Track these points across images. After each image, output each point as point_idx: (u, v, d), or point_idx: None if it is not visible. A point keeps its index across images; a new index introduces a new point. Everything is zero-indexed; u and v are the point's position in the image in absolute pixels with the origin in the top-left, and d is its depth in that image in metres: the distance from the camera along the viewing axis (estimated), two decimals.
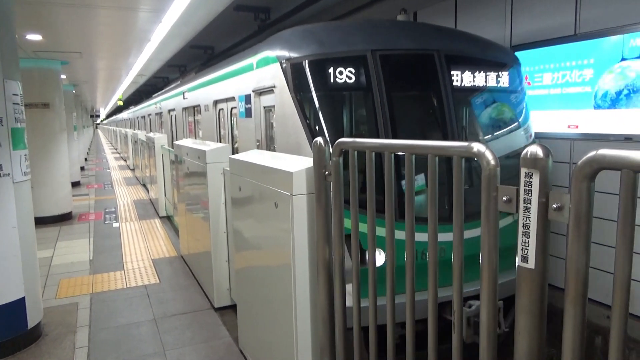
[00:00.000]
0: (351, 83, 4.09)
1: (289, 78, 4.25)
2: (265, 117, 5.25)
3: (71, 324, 4.58)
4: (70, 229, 8.76)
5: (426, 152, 1.80)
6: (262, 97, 5.15)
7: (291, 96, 4.20)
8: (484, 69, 4.53)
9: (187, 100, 9.62)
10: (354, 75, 4.09)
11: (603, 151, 1.22)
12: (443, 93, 4.23)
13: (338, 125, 4.48)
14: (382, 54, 4.19)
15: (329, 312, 2.53)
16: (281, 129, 4.52)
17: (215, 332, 4.36)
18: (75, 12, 5.69)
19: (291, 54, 4.34)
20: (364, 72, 4.12)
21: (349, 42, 4.34)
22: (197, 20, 6.65)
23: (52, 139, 9.29)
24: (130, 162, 18.94)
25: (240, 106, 5.81)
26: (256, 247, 3.37)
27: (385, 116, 4.05)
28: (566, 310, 1.33)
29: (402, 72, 4.38)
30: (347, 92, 4.36)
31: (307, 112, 4.14)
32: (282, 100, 4.38)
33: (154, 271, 6.14)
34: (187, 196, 5.98)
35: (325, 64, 4.09)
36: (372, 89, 4.10)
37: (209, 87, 7.59)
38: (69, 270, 6.26)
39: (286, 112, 4.32)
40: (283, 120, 4.43)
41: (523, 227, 1.42)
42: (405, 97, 4.59)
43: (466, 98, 4.58)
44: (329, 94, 4.26)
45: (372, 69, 4.11)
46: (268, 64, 4.73)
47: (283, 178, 2.69)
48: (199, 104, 8.38)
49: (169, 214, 9.32)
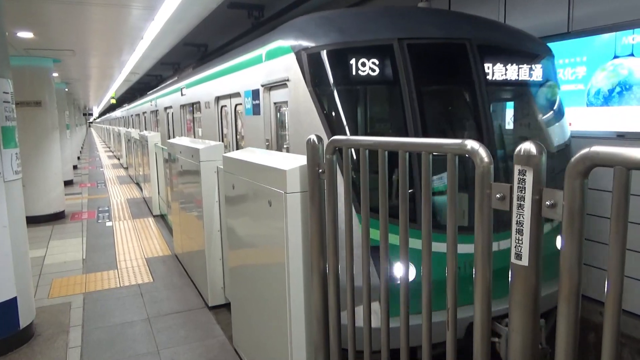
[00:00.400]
0: (375, 76, 3.67)
1: (305, 70, 3.84)
2: (275, 114, 4.86)
3: (64, 324, 4.55)
4: (62, 228, 8.70)
5: (419, 149, 1.79)
6: (273, 92, 4.75)
7: (308, 90, 3.79)
8: (519, 61, 4.11)
9: (185, 96, 9.18)
10: (378, 67, 3.67)
11: (596, 148, 1.22)
12: (477, 87, 3.84)
13: (361, 123, 4.06)
14: (410, 43, 3.75)
15: (323, 311, 2.53)
16: (295, 127, 4.10)
17: (210, 331, 4.35)
18: (67, 9, 5.64)
19: (308, 43, 3.91)
20: (389, 64, 3.69)
21: (373, 30, 3.89)
22: (191, 18, 6.60)
23: (44, 137, 9.22)
24: (124, 161, 18.85)
25: (247, 102, 5.40)
26: (250, 245, 3.36)
27: (415, 113, 3.63)
28: (560, 307, 1.33)
29: (432, 63, 3.93)
30: (371, 85, 3.93)
31: (326, 108, 3.73)
32: (297, 95, 3.99)
33: (148, 270, 6.11)
34: (181, 195, 5.95)
35: (346, 54, 3.68)
36: (399, 83, 3.67)
37: (210, 82, 7.13)
38: (61, 269, 6.22)
39: (302, 108, 3.92)
40: (298, 117, 4.03)
41: (516, 224, 1.42)
42: (436, 92, 4.17)
43: (501, 92, 4.21)
44: (351, 88, 3.87)
45: (399, 59, 3.68)
46: (280, 55, 4.32)
47: (277, 176, 2.68)
48: (199, 100, 7.93)
49: (163, 212, 9.28)
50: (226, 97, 6.51)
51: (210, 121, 7.28)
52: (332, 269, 2.42)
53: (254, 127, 5.23)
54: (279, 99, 4.62)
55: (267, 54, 4.67)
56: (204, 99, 7.53)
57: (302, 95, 3.89)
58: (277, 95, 4.66)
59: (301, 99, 3.92)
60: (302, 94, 3.88)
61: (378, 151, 2.01)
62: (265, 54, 4.75)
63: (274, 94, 4.73)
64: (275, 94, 4.68)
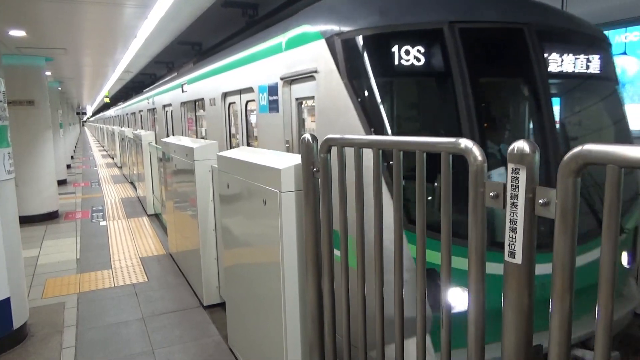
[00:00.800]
0: (422, 66, 3.19)
1: (339, 59, 3.32)
2: (298, 111, 4.29)
3: (58, 324, 4.53)
4: (56, 227, 8.65)
5: (413, 148, 1.79)
6: (295, 87, 4.20)
7: (343, 83, 3.28)
8: (581, 50, 3.60)
9: (186, 93, 8.44)
10: (425, 56, 3.18)
11: (589, 146, 1.22)
12: (537, 80, 3.35)
13: (406, 122, 3.56)
14: (462, 27, 3.24)
15: (318, 310, 2.53)
16: (325, 126, 3.56)
17: (205, 330, 4.34)
18: (60, 7, 5.60)
19: (342, 27, 3.37)
20: (439, 51, 3.21)
21: (419, 12, 3.36)
22: (184, 16, 6.58)
23: (37, 136, 9.17)
24: (118, 160, 18.76)
25: (261, 98, 4.83)
26: (245, 244, 3.35)
27: (470, 110, 3.13)
28: (553, 305, 1.33)
29: (487, 51, 3.42)
30: (417, 77, 3.41)
31: (365, 104, 3.21)
32: (329, 89, 3.47)
33: (142, 270, 6.09)
34: (175, 194, 5.93)
35: (388, 40, 3.17)
36: (450, 74, 3.19)
37: (217, 77, 6.48)
38: (55, 269, 6.19)
39: (334, 104, 3.42)
40: (328, 115, 3.51)
41: (510, 222, 1.42)
42: (491, 84, 3.64)
43: (563, 85, 3.73)
44: (395, 80, 3.37)
45: (450, 46, 3.19)
46: (306, 42, 3.78)
47: (271, 175, 2.68)
48: (203, 97, 7.24)
49: (157, 211, 9.25)
50: (235, 92, 5.93)
51: (216, 120, 6.66)
52: (327, 269, 2.42)
53: (271, 127, 4.65)
54: (302, 94, 4.11)
55: (289, 42, 4.12)
56: (209, 95, 6.90)
57: (335, 89, 3.38)
58: (300, 89, 4.14)
59: (333, 94, 3.41)
60: (335, 88, 3.38)
61: (372, 150, 2.01)
62: (285, 42, 4.19)
63: (297, 89, 4.20)
64: (298, 88, 4.16)
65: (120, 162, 17.92)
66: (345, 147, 2.22)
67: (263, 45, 4.79)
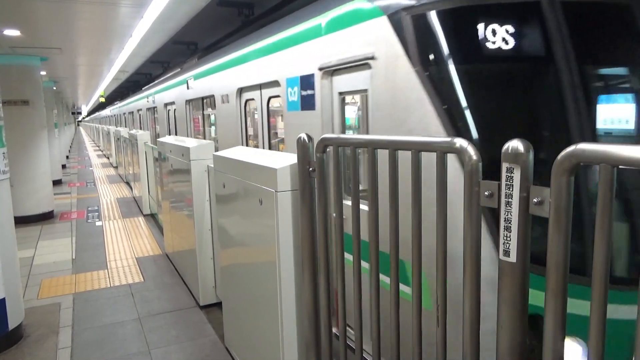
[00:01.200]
0: (515, 49, 2.56)
1: (409, 41, 2.66)
2: (341, 108, 3.57)
3: (53, 325, 4.51)
4: (51, 228, 8.62)
5: (409, 147, 1.80)
6: (338, 78, 3.50)
7: (415, 71, 2.63)
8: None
9: (193, 90, 7.70)
10: (517, 37, 2.55)
11: (582, 145, 1.23)
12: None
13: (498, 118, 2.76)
14: (564, 1, 2.61)
15: (314, 309, 2.54)
16: (389, 126, 2.88)
17: (201, 330, 4.34)
18: (55, 6, 5.58)
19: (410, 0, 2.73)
20: (538, 31, 2.58)
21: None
22: (180, 16, 6.56)
23: (32, 136, 9.13)
24: (113, 160, 18.70)
25: (290, 94, 4.11)
26: (241, 244, 3.35)
27: (579, 107, 2.52)
28: (547, 302, 1.35)
29: (598, 31, 2.75)
30: (510, 63, 2.70)
31: (445, 98, 2.57)
32: (391, 79, 2.79)
33: (138, 270, 6.07)
34: (171, 194, 5.93)
35: (472, 17, 2.59)
36: (553, 59, 2.55)
37: (231, 70, 5.75)
38: (50, 270, 6.17)
39: (401, 98, 2.76)
40: (393, 112, 2.83)
41: (505, 221, 1.43)
42: (606, 73, 2.93)
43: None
44: (482, 67, 2.69)
45: (551, 24, 2.56)
46: (358, 22, 3.11)
47: (267, 175, 2.68)
48: (213, 94, 6.50)
49: (153, 211, 9.23)
50: (254, 88, 5.19)
51: (229, 119, 5.92)
52: (323, 268, 2.43)
53: (303, 127, 3.84)
54: (349, 87, 3.40)
55: (331, 23, 3.43)
56: (220, 91, 6.16)
57: (402, 80, 2.72)
58: (345, 81, 3.42)
59: (399, 85, 2.76)
60: (402, 78, 2.72)
61: (367, 150, 2.01)
62: (326, 23, 3.50)
63: (340, 81, 3.48)
64: (343, 80, 3.44)
65: (115, 162, 17.86)
66: (341, 147, 2.22)
67: (294, 30, 4.00)
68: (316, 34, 3.67)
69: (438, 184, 1.67)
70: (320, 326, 2.52)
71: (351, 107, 3.77)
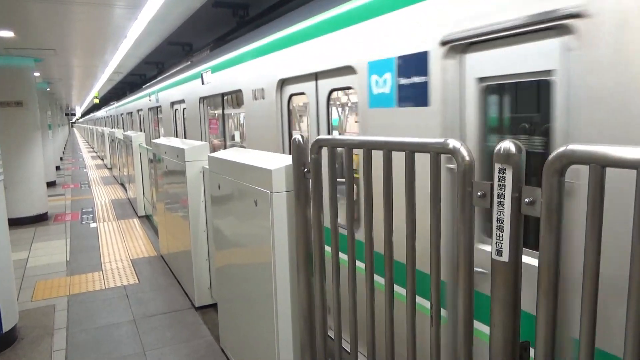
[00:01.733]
0: None
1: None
2: (481, 101, 2.41)
3: (48, 327, 4.50)
4: (46, 229, 8.58)
5: (403, 148, 1.81)
6: (477, 56, 2.37)
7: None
8: None
9: (209, 85, 6.51)
10: None
11: (572, 146, 1.25)
12: None
13: None
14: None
15: (309, 310, 2.55)
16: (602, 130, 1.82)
17: (196, 331, 4.34)
18: (49, 8, 5.56)
19: None
20: None
21: None
22: (175, 17, 6.56)
23: (26, 138, 9.09)
24: (108, 161, 18.62)
25: (375, 83, 3.03)
26: (236, 245, 3.36)
27: None
28: (539, 301, 1.36)
29: None
30: None
31: None
32: None
33: (133, 271, 6.06)
34: (166, 195, 5.92)
35: None
36: None
37: (267, 58, 4.59)
38: (45, 272, 6.14)
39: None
40: None
41: (497, 221, 1.45)
42: None
43: None
44: None
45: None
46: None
47: (262, 176, 2.69)
48: (240, 88, 5.37)
49: (148, 213, 9.20)
50: (307, 78, 4.03)
51: (264, 120, 4.79)
52: (318, 269, 2.44)
53: (402, 130, 2.85)
54: (504, 69, 2.26)
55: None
56: (253, 85, 4.98)
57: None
58: (495, 60, 2.29)
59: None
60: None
61: (362, 151, 2.02)
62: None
63: (483, 60, 2.35)
64: (490, 58, 2.31)
65: (110, 163, 17.79)
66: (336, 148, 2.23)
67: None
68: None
69: (432, 184, 1.69)
70: (315, 327, 2.53)
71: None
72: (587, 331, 1.25)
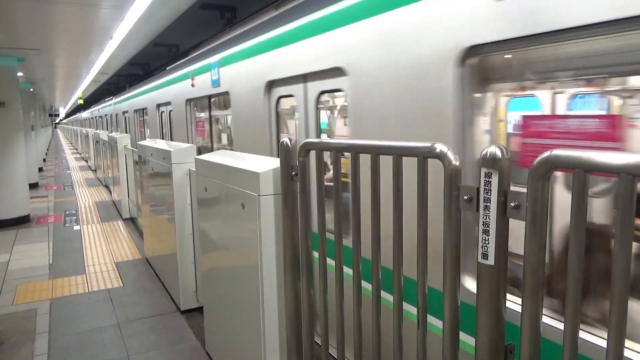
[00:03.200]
0: None
1: None
2: None
3: (30, 331, 4.42)
4: (28, 232, 8.43)
5: (390, 152, 1.83)
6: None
7: None
8: None
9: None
10: None
11: (556, 152, 1.28)
12: None
13: None
14: None
15: (295, 313, 2.54)
16: None
17: (181, 335, 4.30)
18: (33, 7, 5.49)
19: None
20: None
21: None
22: (161, 18, 6.52)
23: (7, 139, 8.94)
24: (92, 163, 18.39)
25: None
26: (223, 248, 3.34)
27: None
28: (523, 304, 1.38)
29: None
30: None
31: None
32: None
33: (117, 274, 5.99)
34: (152, 197, 5.86)
35: None
36: None
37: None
38: (26, 275, 6.03)
39: None
40: None
41: (483, 225, 1.47)
42: None
43: None
44: None
45: None
46: None
47: (250, 178, 2.68)
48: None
49: (133, 215, 9.10)
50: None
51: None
52: (305, 271, 2.44)
53: None
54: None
55: None
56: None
57: None
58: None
59: None
60: None
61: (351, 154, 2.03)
62: None
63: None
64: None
65: (94, 165, 17.56)
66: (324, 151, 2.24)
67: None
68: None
69: (419, 188, 1.70)
70: (302, 332, 2.52)
71: None
72: (571, 337, 1.27)
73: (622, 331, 1.16)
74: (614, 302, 1.16)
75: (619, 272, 1.15)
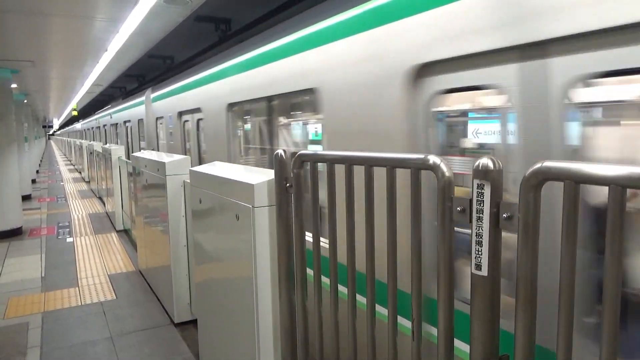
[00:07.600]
0: None
1: None
2: None
3: (21, 345, 4.36)
4: (20, 244, 8.36)
5: (384, 164, 1.84)
6: None
7: None
8: None
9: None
10: None
11: (548, 163, 1.29)
12: None
13: None
14: None
15: (290, 325, 2.53)
16: None
17: (175, 348, 4.26)
18: (27, 19, 5.50)
19: None
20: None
21: None
22: (156, 30, 6.54)
23: (1, 150, 8.90)
24: (86, 175, 18.30)
25: None
26: (217, 260, 3.33)
27: None
28: (517, 315, 1.39)
29: None
30: None
31: None
32: None
33: (111, 287, 5.94)
34: (146, 209, 5.84)
35: None
36: None
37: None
38: (18, 288, 5.97)
39: None
40: None
41: (476, 236, 1.48)
42: None
43: None
44: None
45: None
46: None
47: (244, 190, 2.69)
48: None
49: (127, 227, 9.05)
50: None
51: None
52: (300, 283, 2.43)
53: None
54: None
55: None
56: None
57: None
58: None
59: None
60: None
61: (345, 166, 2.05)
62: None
63: None
64: None
65: (88, 176, 17.48)
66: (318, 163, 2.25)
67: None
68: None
69: (412, 199, 1.71)
70: (297, 344, 2.51)
71: None
72: (564, 346, 1.28)
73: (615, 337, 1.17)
74: (606, 311, 1.17)
75: (610, 283, 1.16)
